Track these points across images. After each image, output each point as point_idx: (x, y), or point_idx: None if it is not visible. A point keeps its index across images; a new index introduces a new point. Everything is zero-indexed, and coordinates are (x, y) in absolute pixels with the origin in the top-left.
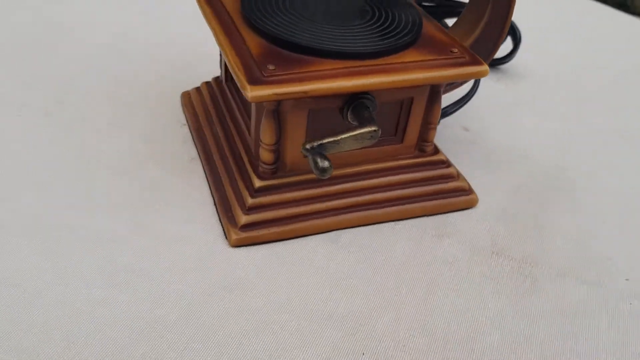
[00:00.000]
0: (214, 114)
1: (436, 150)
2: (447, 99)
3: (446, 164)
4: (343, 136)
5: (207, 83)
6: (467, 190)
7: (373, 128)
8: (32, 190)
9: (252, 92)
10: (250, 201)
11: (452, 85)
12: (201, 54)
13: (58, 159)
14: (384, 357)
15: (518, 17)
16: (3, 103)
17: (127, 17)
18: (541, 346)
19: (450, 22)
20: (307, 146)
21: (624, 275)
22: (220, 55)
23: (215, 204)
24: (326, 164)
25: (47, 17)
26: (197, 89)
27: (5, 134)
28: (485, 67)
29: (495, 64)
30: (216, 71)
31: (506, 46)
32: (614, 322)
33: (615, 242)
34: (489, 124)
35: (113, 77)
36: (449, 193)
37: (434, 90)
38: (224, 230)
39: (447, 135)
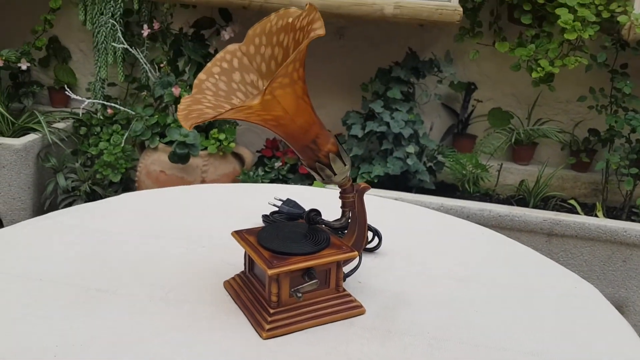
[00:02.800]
0: (244, 287)
1: (344, 290)
2: (347, 268)
3: (350, 296)
4: (304, 285)
5: (237, 275)
6: (360, 307)
7: (315, 281)
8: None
9: (270, 272)
10: (269, 319)
11: (348, 261)
12: (227, 262)
13: (173, 317)
14: None
15: (383, 225)
16: (149, 298)
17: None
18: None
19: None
20: (292, 289)
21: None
22: (245, 259)
23: (251, 324)
24: (300, 294)
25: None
26: (233, 277)
27: (147, 315)
28: (356, 253)
29: (371, 250)
30: (238, 269)
31: (375, 241)
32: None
33: (418, 304)
34: (371, 278)
35: (187, 274)
36: (352, 309)
37: (339, 264)
38: (257, 332)
39: (350, 285)
